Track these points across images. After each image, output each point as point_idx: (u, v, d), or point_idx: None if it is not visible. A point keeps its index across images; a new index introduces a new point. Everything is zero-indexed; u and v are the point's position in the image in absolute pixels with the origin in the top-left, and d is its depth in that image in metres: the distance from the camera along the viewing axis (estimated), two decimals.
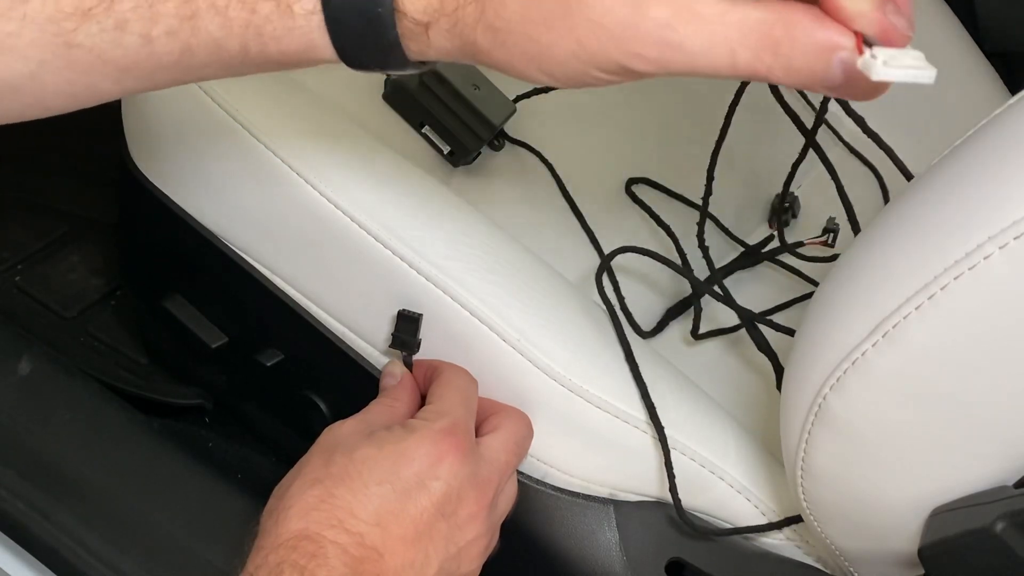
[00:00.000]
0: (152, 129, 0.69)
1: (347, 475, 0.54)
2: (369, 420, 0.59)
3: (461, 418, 0.58)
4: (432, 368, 0.63)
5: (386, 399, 0.61)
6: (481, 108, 0.75)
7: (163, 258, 0.78)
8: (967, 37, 0.95)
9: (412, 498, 0.54)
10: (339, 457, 0.55)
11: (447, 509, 0.55)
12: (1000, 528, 0.48)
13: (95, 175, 1.03)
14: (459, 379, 0.61)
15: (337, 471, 0.54)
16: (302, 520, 0.52)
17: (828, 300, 0.55)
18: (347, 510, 0.53)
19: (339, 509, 0.52)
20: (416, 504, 0.54)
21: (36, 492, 0.73)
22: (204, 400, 0.86)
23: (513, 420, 0.62)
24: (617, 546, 0.65)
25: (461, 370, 0.62)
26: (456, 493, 0.55)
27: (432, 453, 0.55)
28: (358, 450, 0.55)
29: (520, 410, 0.63)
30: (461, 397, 0.59)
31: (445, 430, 0.56)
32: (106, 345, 0.92)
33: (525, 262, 0.68)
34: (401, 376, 0.63)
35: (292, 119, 0.66)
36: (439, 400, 0.59)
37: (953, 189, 0.50)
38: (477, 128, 0.75)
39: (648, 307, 0.77)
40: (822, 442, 0.55)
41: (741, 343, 0.78)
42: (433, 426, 0.56)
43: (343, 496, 0.53)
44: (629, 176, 0.82)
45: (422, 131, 0.75)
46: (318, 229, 0.65)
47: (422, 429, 0.56)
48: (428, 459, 0.55)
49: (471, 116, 0.74)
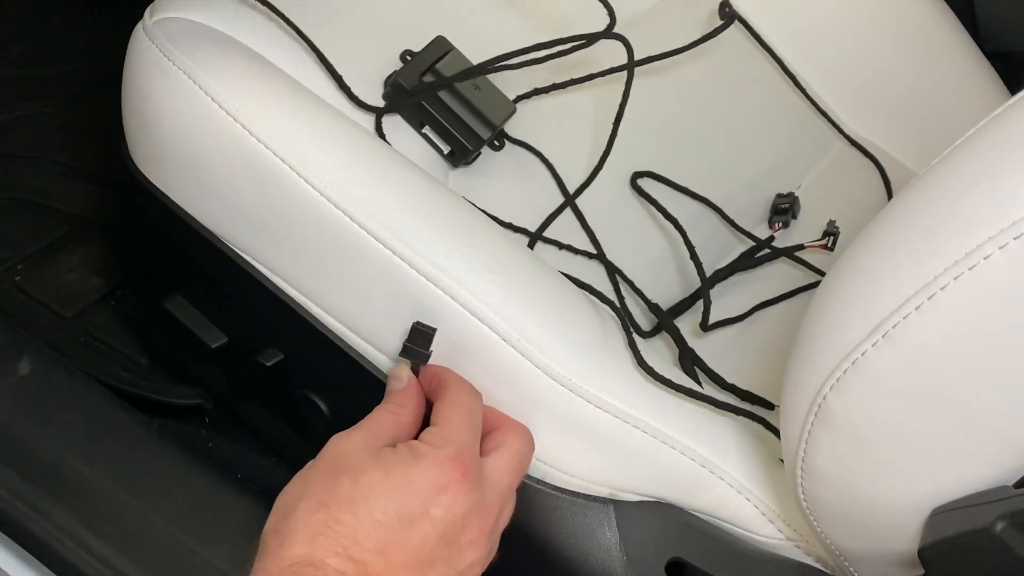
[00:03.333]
0: (152, 129, 0.69)
1: (353, 500, 0.54)
2: (375, 430, 0.58)
3: (467, 444, 0.58)
4: (438, 379, 0.62)
5: (392, 405, 0.61)
6: (481, 108, 0.75)
7: (163, 258, 0.78)
8: (967, 37, 0.95)
9: (416, 527, 0.54)
10: (345, 480, 0.54)
11: (450, 537, 0.55)
12: (1000, 528, 0.48)
13: (95, 175, 1.03)
14: (465, 398, 0.61)
15: (343, 494, 0.54)
16: (307, 545, 0.52)
17: (828, 300, 0.55)
18: (351, 537, 0.53)
19: (343, 536, 0.53)
20: (419, 532, 0.54)
21: (36, 492, 0.73)
22: (204, 400, 0.86)
23: (515, 437, 0.61)
24: (617, 546, 0.65)
25: (467, 386, 0.62)
26: (460, 522, 0.55)
27: (438, 482, 0.55)
28: (365, 474, 0.55)
29: (522, 424, 0.63)
30: (468, 420, 0.59)
31: (452, 458, 0.56)
32: (106, 345, 0.92)
33: (525, 262, 0.68)
34: (407, 381, 0.63)
35: (292, 119, 0.66)
36: (445, 422, 0.58)
37: (953, 189, 0.50)
38: (477, 128, 0.75)
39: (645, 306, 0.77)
40: (822, 442, 0.55)
41: (748, 333, 0.78)
42: (439, 453, 0.56)
43: (348, 522, 0.53)
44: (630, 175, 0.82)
45: (422, 131, 0.75)
46: (318, 229, 0.65)
47: (429, 456, 0.56)
48: (434, 488, 0.55)
49: (471, 116, 0.74)
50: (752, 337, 0.78)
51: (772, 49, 0.88)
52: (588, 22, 0.76)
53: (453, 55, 0.76)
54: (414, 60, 0.75)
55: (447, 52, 0.75)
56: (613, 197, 0.81)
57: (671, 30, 0.87)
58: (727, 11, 0.84)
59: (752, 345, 0.78)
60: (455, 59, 0.76)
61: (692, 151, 0.85)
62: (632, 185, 0.81)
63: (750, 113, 0.89)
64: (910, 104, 0.93)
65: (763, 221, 0.86)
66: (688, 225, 0.80)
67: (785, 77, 0.91)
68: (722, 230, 0.83)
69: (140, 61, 0.68)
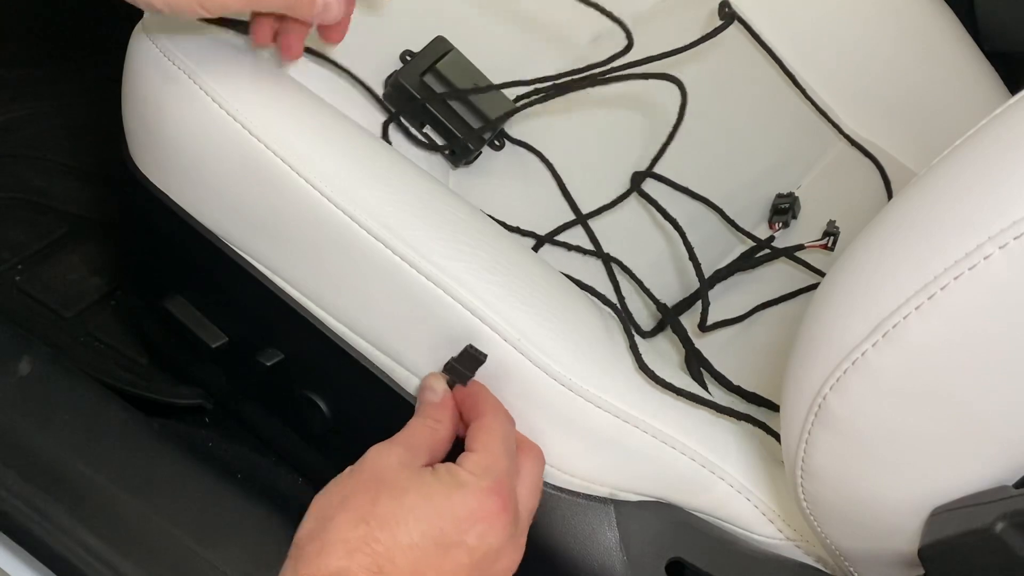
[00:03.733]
0: (152, 129, 0.69)
1: (393, 520, 0.54)
2: (414, 446, 0.59)
3: (505, 474, 0.58)
4: (474, 399, 0.63)
5: (429, 420, 0.61)
6: (481, 107, 0.75)
7: (163, 258, 0.78)
8: (967, 37, 0.95)
9: (451, 554, 0.55)
10: (386, 498, 0.55)
11: (483, 565, 0.56)
12: (1000, 528, 0.48)
13: (95, 175, 1.03)
14: (502, 427, 0.61)
15: (383, 513, 0.55)
16: (345, 559, 0.53)
17: (828, 300, 0.55)
18: (388, 557, 0.54)
19: (380, 556, 0.53)
20: (453, 559, 0.55)
21: (36, 492, 0.73)
22: (204, 400, 0.86)
23: (533, 460, 0.62)
24: (617, 546, 0.65)
25: (502, 411, 0.62)
26: (495, 553, 0.56)
27: (477, 513, 0.56)
28: (406, 495, 0.55)
29: (535, 444, 0.63)
30: (505, 449, 0.60)
31: (491, 489, 0.57)
32: (106, 345, 0.92)
33: (525, 261, 0.68)
34: (443, 394, 0.63)
35: (292, 119, 0.66)
36: (484, 451, 0.59)
37: (953, 189, 0.50)
38: (478, 128, 0.75)
39: (645, 306, 0.77)
40: (822, 442, 0.55)
41: (748, 333, 0.78)
42: (480, 484, 0.57)
43: (386, 542, 0.54)
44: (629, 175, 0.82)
45: (422, 131, 0.75)
46: (318, 229, 0.65)
47: (469, 486, 0.56)
48: (473, 519, 0.56)
49: (471, 115, 0.74)
50: (751, 338, 0.78)
51: (772, 49, 0.88)
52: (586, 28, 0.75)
53: (453, 55, 0.76)
54: (414, 60, 0.75)
55: (447, 52, 0.75)
56: (612, 197, 0.81)
57: (672, 30, 0.86)
58: (727, 11, 0.84)
59: (751, 346, 0.78)
60: (455, 59, 0.76)
61: (692, 151, 0.85)
62: (632, 185, 0.81)
63: (750, 113, 0.89)
64: (910, 104, 0.93)
65: (763, 221, 0.86)
66: (688, 225, 0.80)
67: (785, 77, 0.91)
68: (722, 230, 0.83)
69: (140, 61, 0.68)
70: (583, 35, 0.85)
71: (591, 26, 0.85)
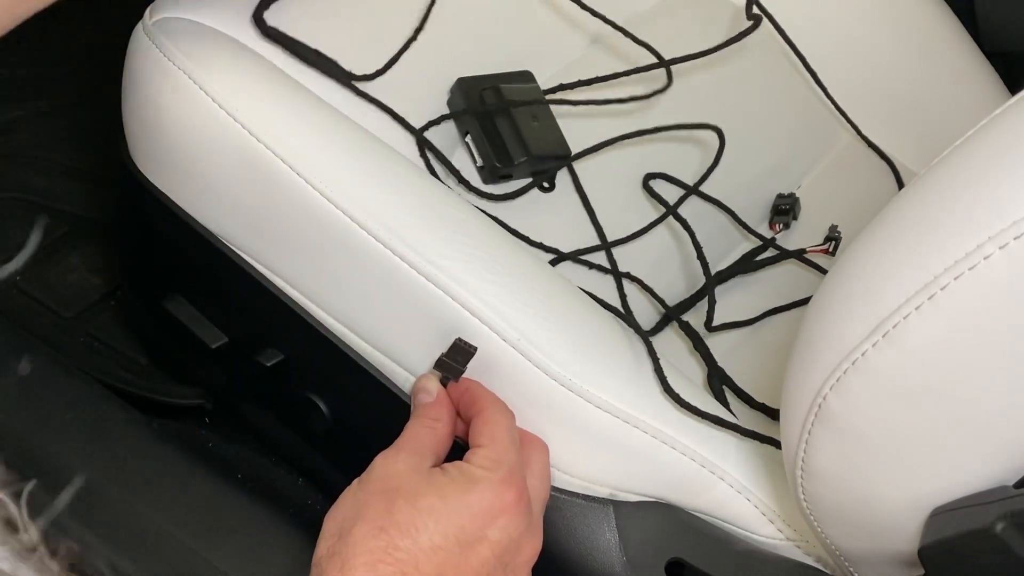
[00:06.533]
0: (152, 129, 0.69)
1: (412, 526, 0.54)
2: (418, 449, 0.59)
3: (515, 465, 0.58)
4: (470, 395, 0.63)
5: (427, 420, 0.61)
6: (525, 134, 0.76)
7: (163, 258, 0.78)
8: (967, 37, 0.95)
9: (474, 550, 0.55)
10: (402, 504, 0.55)
11: (506, 558, 0.56)
12: (1000, 528, 0.48)
13: (95, 175, 1.03)
14: (504, 418, 0.61)
15: (402, 520, 0.54)
16: (369, 571, 0.53)
17: (828, 300, 0.55)
18: (411, 563, 0.53)
19: (404, 563, 0.53)
20: (478, 556, 0.55)
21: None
22: (204, 400, 0.86)
23: (539, 451, 0.62)
24: (617, 546, 0.65)
25: (501, 404, 0.62)
26: (516, 543, 0.57)
27: (495, 505, 0.56)
28: (422, 498, 0.55)
29: (539, 437, 0.63)
30: (510, 439, 0.60)
31: (505, 481, 0.57)
32: (106, 345, 0.92)
33: (525, 262, 0.68)
34: (437, 394, 0.63)
35: (292, 119, 0.66)
36: (492, 444, 0.59)
37: (953, 189, 0.50)
38: (513, 150, 0.75)
39: (646, 306, 0.77)
40: (822, 442, 0.55)
41: (757, 337, 0.77)
42: (493, 477, 0.57)
43: (408, 548, 0.54)
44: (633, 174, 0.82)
45: (464, 139, 0.76)
46: (318, 229, 0.65)
47: (484, 480, 0.56)
48: (491, 512, 0.56)
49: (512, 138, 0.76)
50: (760, 341, 0.78)
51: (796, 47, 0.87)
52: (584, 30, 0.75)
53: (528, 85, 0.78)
54: (489, 75, 0.77)
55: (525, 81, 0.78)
56: (620, 196, 0.81)
57: (672, 30, 0.87)
58: (754, 12, 0.83)
59: (761, 350, 0.77)
60: (525, 88, 0.78)
61: (692, 151, 0.84)
62: (644, 187, 0.81)
63: (750, 113, 0.89)
64: (910, 104, 0.93)
65: (763, 222, 0.85)
66: (698, 223, 0.80)
67: (784, 77, 0.91)
68: (723, 231, 0.83)
69: (140, 61, 0.68)
70: (582, 37, 0.85)
71: (589, 27, 0.85)
